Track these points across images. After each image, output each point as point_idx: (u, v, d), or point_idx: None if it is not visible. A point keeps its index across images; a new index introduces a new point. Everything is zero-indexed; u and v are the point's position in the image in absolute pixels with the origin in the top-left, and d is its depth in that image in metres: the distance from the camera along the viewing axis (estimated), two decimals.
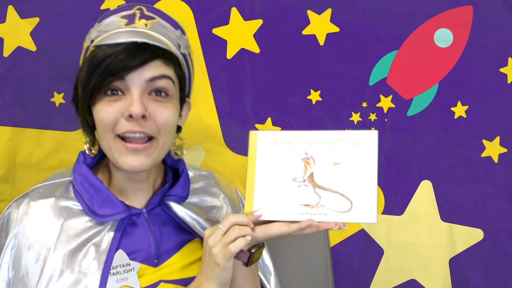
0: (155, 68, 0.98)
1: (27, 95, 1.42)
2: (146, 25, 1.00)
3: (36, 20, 1.40)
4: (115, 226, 1.01)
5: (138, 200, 1.07)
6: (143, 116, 0.96)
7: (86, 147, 1.06)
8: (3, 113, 1.42)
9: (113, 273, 0.99)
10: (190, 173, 1.16)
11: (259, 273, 1.13)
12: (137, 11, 1.02)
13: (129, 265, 1.01)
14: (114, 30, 0.99)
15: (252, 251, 0.98)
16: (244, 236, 0.92)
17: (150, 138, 0.99)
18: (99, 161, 1.11)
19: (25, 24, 1.40)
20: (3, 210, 1.42)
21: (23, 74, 1.42)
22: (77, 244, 0.99)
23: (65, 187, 1.05)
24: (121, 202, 1.02)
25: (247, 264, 0.99)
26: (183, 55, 1.05)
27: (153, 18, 1.02)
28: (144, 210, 1.06)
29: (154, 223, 1.06)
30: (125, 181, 1.06)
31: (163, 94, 0.99)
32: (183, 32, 1.07)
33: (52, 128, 1.44)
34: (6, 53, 1.40)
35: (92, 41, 1.02)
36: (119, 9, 1.05)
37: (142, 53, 0.96)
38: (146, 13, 1.02)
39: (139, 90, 0.96)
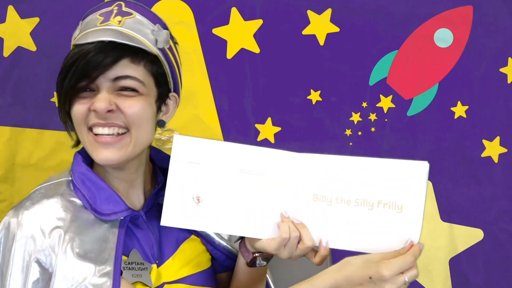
0: (121, 68, 0.97)
1: (27, 95, 1.42)
2: (119, 22, 0.99)
3: (36, 20, 1.40)
4: (117, 225, 1.00)
5: (131, 202, 1.06)
6: (110, 111, 0.97)
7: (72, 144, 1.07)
8: (3, 113, 1.42)
9: (129, 268, 0.99)
10: None
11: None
12: (115, 8, 1.01)
13: (143, 264, 1.01)
14: (89, 29, 0.99)
15: (256, 255, 1.02)
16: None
17: (122, 133, 0.99)
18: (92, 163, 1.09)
19: (25, 24, 1.40)
20: (2, 210, 1.43)
21: (23, 74, 1.42)
22: (86, 235, 0.97)
23: (67, 185, 1.03)
24: (122, 200, 1.01)
25: (249, 264, 1.03)
26: (162, 50, 1.03)
27: (130, 14, 1.00)
28: (141, 212, 1.05)
29: (153, 224, 1.06)
30: (114, 181, 1.05)
31: (129, 90, 0.99)
32: (163, 26, 1.04)
33: (52, 128, 1.44)
34: (6, 53, 1.40)
35: (74, 39, 1.03)
36: (101, 6, 1.03)
37: (109, 52, 0.95)
38: (124, 9, 1.01)
39: (105, 88, 0.97)
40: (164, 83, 1.04)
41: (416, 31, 1.53)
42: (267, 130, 1.53)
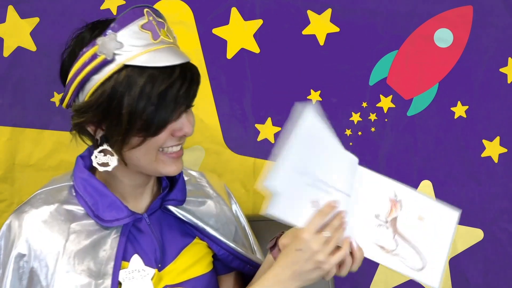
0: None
1: (27, 95, 1.42)
2: (168, 36, 0.97)
3: (36, 20, 1.40)
4: (119, 231, 1.00)
5: (137, 205, 1.06)
6: None
7: (98, 162, 0.99)
8: (3, 113, 1.42)
9: (130, 278, 0.99)
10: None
11: None
12: (151, 18, 0.96)
13: (144, 270, 1.00)
14: (148, 47, 0.93)
15: None
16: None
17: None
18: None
19: (25, 24, 1.40)
20: (2, 210, 1.43)
21: (23, 74, 1.41)
22: (85, 246, 0.98)
23: (68, 191, 1.03)
24: (125, 206, 1.01)
25: None
26: None
27: (163, 23, 0.98)
28: (145, 215, 1.05)
29: (156, 227, 1.06)
30: (129, 186, 1.04)
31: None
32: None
33: (51, 128, 1.44)
34: (6, 53, 1.40)
35: (114, 54, 0.92)
36: (130, 17, 0.94)
37: (191, 78, 0.96)
38: (158, 19, 0.97)
39: (184, 112, 0.99)
40: None
41: (416, 31, 1.53)
42: (267, 130, 1.53)
